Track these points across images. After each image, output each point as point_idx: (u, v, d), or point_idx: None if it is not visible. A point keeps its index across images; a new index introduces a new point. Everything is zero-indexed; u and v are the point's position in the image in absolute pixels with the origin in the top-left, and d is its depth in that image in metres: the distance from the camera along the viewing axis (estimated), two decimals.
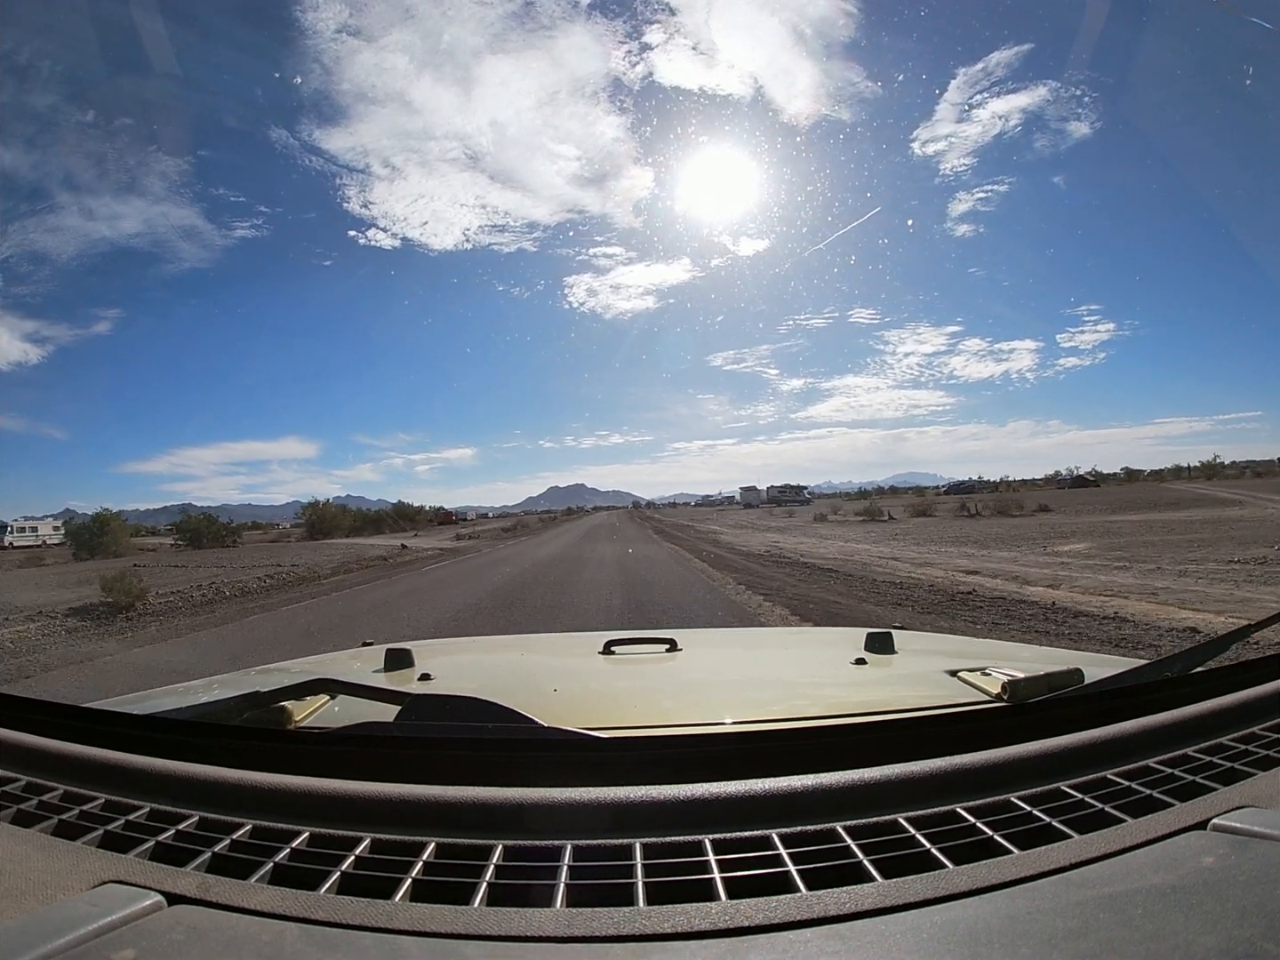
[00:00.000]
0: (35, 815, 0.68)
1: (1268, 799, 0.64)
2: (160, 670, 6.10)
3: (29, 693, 3.73)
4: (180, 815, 0.67)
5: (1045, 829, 0.62)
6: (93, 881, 0.56)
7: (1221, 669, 0.95)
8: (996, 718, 0.89)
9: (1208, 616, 6.60)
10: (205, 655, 7.34)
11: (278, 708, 0.98)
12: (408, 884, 0.56)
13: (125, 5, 28.86)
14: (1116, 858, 0.57)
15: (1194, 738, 0.78)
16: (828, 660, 1.73)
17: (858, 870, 0.57)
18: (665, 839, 0.62)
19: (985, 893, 0.53)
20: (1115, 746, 0.75)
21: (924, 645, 1.99)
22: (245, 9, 72.15)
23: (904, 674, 1.51)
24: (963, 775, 0.69)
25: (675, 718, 1.14)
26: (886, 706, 1.10)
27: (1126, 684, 0.93)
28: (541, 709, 0.85)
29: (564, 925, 0.51)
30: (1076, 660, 1.26)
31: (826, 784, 0.67)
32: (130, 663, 7.05)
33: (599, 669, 1.57)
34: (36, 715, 0.90)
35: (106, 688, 5.32)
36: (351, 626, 8.44)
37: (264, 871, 0.58)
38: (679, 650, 1.59)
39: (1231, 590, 8.02)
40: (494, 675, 1.70)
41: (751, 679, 1.57)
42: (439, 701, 0.91)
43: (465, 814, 0.65)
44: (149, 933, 0.49)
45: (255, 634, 8.45)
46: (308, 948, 0.49)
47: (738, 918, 0.51)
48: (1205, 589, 8.20)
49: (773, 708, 1.24)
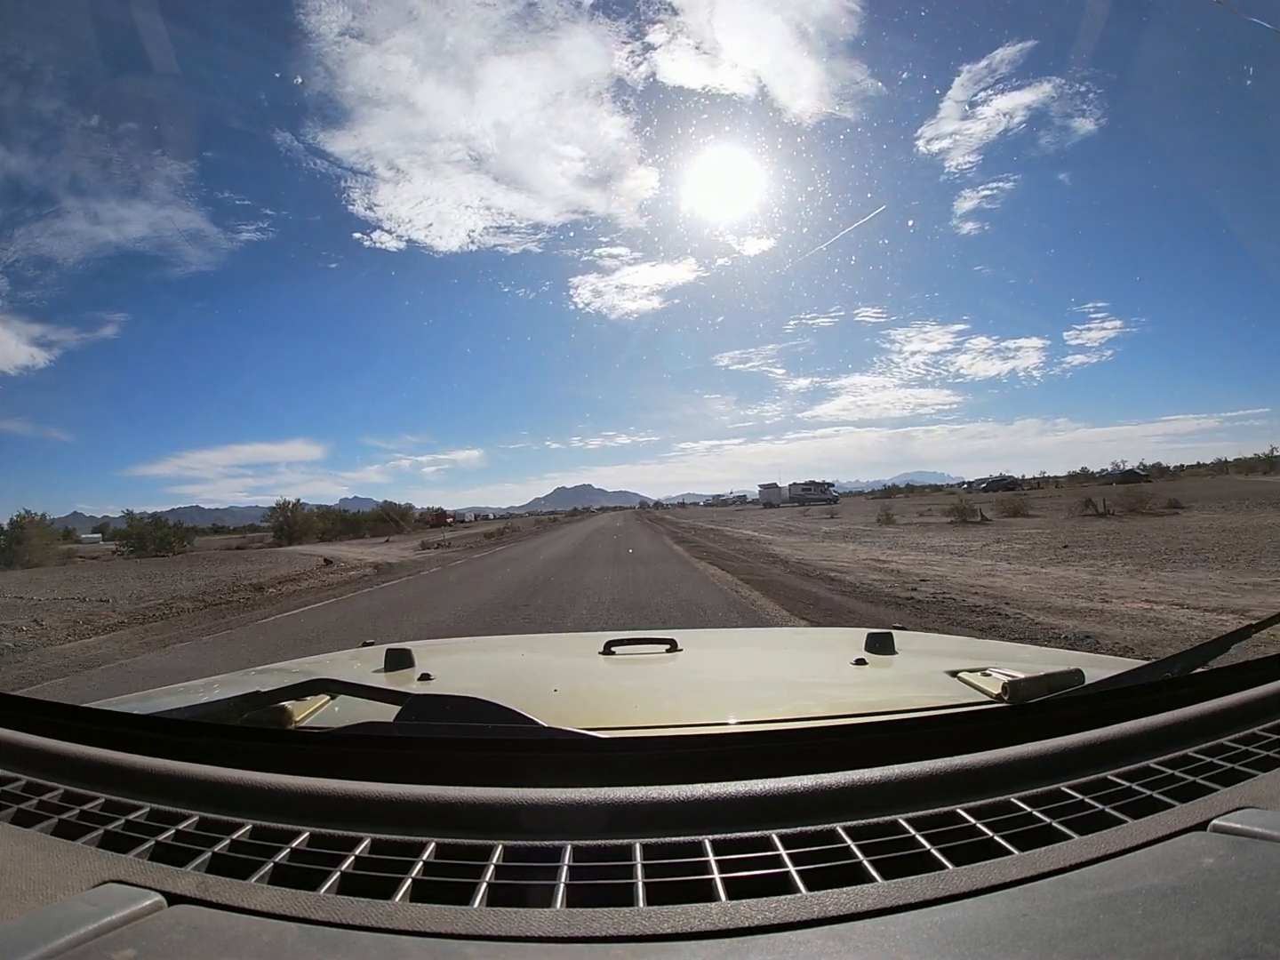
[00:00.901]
0: (35, 815, 0.68)
1: (1268, 800, 0.64)
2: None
3: (29, 693, 3.70)
4: (180, 815, 0.67)
5: (1045, 830, 0.62)
6: (93, 881, 0.56)
7: (1222, 669, 0.95)
8: (997, 718, 0.89)
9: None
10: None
11: (278, 708, 0.98)
12: (408, 884, 0.56)
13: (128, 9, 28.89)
14: (1117, 858, 0.57)
15: (1194, 738, 0.77)
16: (828, 660, 1.73)
17: (858, 871, 0.57)
18: (665, 839, 0.62)
19: (985, 893, 0.53)
20: (1116, 747, 0.75)
21: (924, 646, 1.99)
22: (248, 13, 72.28)
23: (904, 674, 1.51)
24: (963, 776, 0.69)
25: (676, 718, 1.14)
26: (887, 707, 1.10)
27: (1127, 684, 0.93)
28: (542, 709, 0.85)
29: (564, 925, 0.51)
30: (1077, 661, 1.26)
31: (827, 784, 0.67)
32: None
33: (599, 669, 1.57)
34: (37, 715, 0.90)
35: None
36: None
37: (264, 871, 0.58)
38: (679, 650, 1.59)
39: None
40: (494, 675, 1.70)
41: (752, 679, 1.57)
42: (439, 702, 0.91)
43: (465, 814, 0.65)
44: (149, 933, 0.49)
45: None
46: (308, 948, 0.49)
47: (738, 918, 0.51)
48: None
49: (773, 708, 1.24)
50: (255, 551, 27.82)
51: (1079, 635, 6.16)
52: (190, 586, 14.12)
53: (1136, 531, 16.52)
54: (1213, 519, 18.67)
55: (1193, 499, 25.36)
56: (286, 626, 9.43)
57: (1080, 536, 16.16)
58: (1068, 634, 6.23)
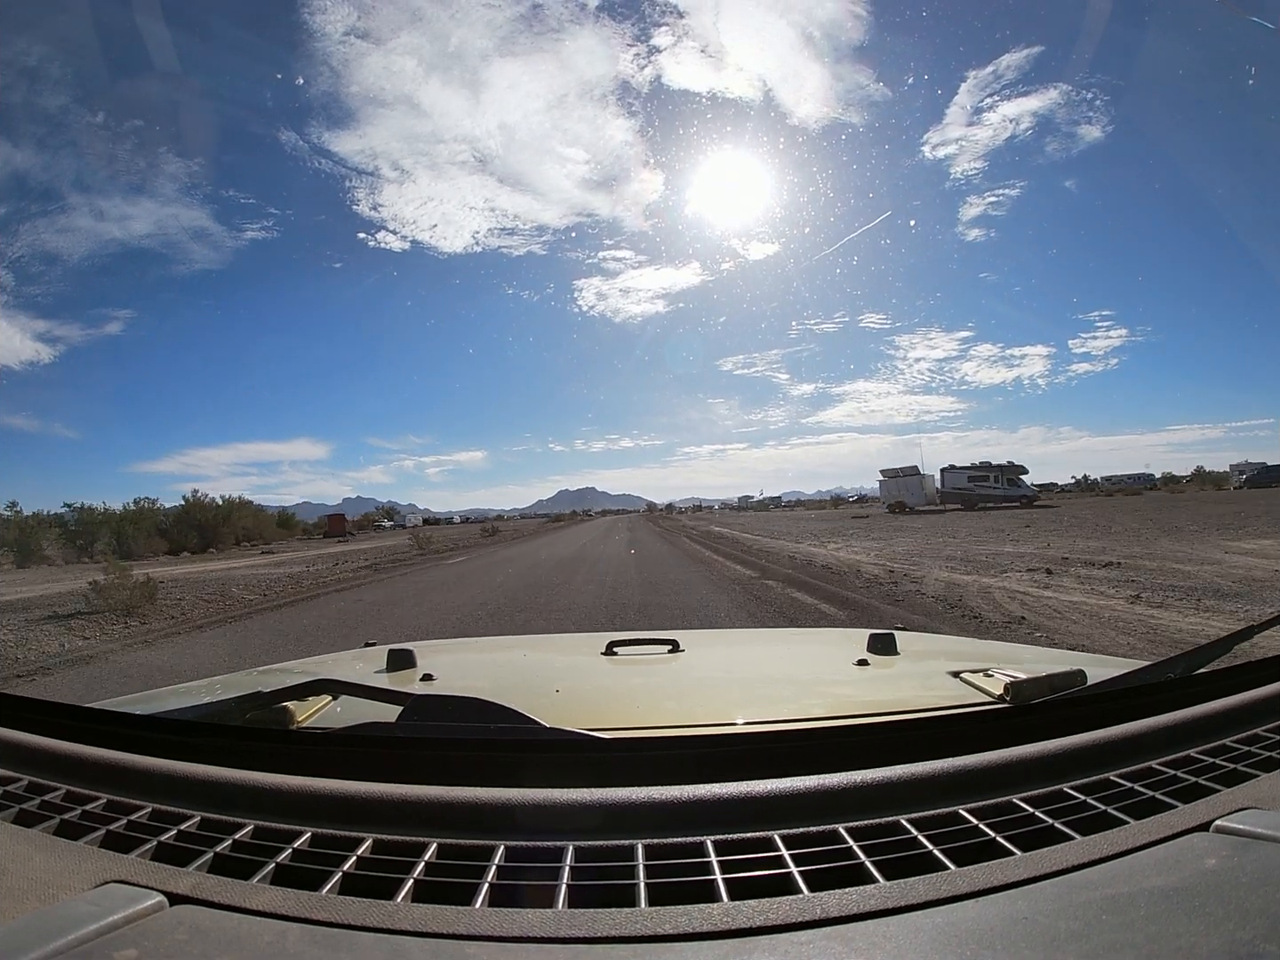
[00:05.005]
0: (37, 815, 0.68)
1: (1271, 800, 0.64)
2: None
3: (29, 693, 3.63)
4: (182, 815, 0.67)
5: (1048, 830, 0.62)
6: (95, 881, 0.56)
7: (1224, 670, 0.95)
8: (999, 719, 0.89)
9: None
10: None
11: (280, 708, 0.98)
12: (409, 884, 0.56)
13: (134, 9, 28.94)
14: (1119, 859, 0.57)
15: (1197, 739, 0.77)
16: (831, 661, 1.72)
17: (860, 872, 0.57)
18: (667, 840, 0.62)
19: (988, 894, 0.53)
20: (1118, 748, 0.75)
21: (926, 646, 1.99)
22: (253, 13, 72.44)
23: (906, 675, 1.50)
24: (965, 776, 0.69)
25: (678, 718, 1.14)
26: (889, 707, 1.09)
27: (1129, 685, 0.92)
28: (544, 710, 0.85)
29: (566, 926, 0.51)
30: (1079, 661, 1.26)
31: (829, 785, 0.67)
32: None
33: (602, 669, 1.57)
34: (39, 715, 0.90)
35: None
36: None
37: (266, 872, 0.58)
38: (681, 651, 1.59)
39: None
40: (496, 676, 1.70)
41: (754, 680, 1.56)
42: (441, 702, 0.90)
43: (467, 814, 0.65)
44: (151, 933, 0.49)
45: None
46: (309, 948, 0.49)
47: (739, 919, 0.51)
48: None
49: (776, 708, 1.24)
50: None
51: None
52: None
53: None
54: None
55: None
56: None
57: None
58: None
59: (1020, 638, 5.77)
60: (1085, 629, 6.27)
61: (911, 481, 43.55)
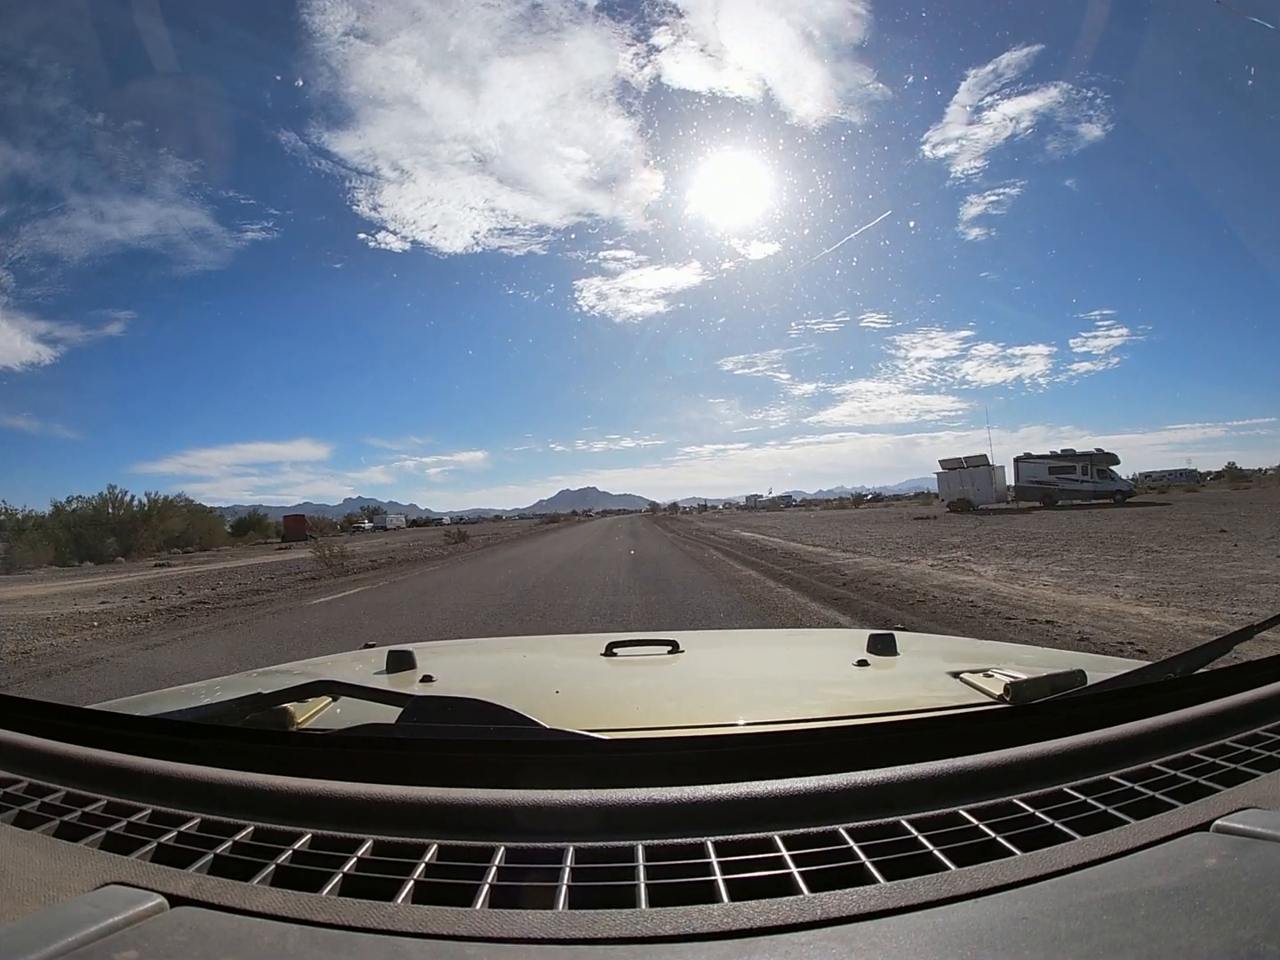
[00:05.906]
0: (37, 817, 0.68)
1: (1271, 800, 0.64)
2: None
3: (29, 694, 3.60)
4: (182, 817, 0.67)
5: (1048, 830, 0.62)
6: (95, 883, 0.56)
7: (1224, 670, 0.95)
8: (999, 719, 0.89)
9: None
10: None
11: (280, 709, 0.98)
12: (410, 886, 0.56)
13: (134, 9, 28.96)
14: (1119, 859, 0.57)
15: (1197, 739, 0.77)
16: (830, 662, 1.72)
17: (860, 872, 0.57)
18: (668, 841, 0.61)
19: (988, 894, 0.53)
20: (1118, 748, 0.75)
21: (926, 647, 1.99)
22: (253, 13, 72.42)
23: (906, 675, 1.51)
24: (965, 777, 0.69)
25: (678, 719, 1.14)
26: (889, 708, 1.09)
27: (1129, 685, 0.92)
28: (544, 711, 0.85)
29: (566, 927, 0.51)
30: (1079, 661, 1.26)
31: (829, 786, 0.67)
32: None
33: (601, 670, 1.57)
34: (39, 717, 0.90)
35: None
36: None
37: (266, 873, 0.58)
38: (681, 652, 1.59)
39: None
40: (496, 677, 1.70)
41: (754, 680, 1.56)
42: (441, 703, 0.90)
43: (467, 816, 0.65)
44: (151, 934, 0.49)
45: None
46: (310, 949, 0.49)
47: (740, 920, 0.51)
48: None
49: (776, 709, 1.24)
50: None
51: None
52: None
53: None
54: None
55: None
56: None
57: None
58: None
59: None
60: None
61: (979, 474, 35.29)
